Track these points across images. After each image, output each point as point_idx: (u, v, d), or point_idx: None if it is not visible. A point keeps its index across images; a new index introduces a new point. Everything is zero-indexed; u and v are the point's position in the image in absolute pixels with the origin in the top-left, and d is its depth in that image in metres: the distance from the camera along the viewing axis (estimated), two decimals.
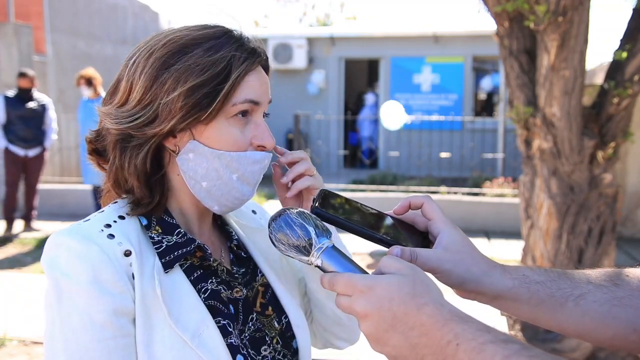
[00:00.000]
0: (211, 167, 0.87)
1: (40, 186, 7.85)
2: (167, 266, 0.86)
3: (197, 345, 0.82)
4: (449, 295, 0.80)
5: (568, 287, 0.80)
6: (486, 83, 12.56)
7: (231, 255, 1.01)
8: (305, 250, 0.76)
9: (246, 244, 1.04)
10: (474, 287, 0.79)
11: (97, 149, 0.93)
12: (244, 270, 1.00)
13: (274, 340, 0.96)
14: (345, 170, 11.81)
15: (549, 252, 3.46)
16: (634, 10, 3.24)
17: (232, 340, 0.87)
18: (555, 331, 0.82)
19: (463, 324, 0.64)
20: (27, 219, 7.10)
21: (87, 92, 6.51)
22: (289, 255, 0.78)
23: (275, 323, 0.99)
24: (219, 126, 0.86)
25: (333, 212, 0.83)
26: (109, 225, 0.85)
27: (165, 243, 0.88)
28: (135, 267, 0.82)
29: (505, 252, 6.02)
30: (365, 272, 0.73)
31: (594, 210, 3.37)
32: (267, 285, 1.02)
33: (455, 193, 8.05)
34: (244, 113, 0.88)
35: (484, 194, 7.98)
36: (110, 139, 0.88)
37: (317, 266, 0.77)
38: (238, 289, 0.95)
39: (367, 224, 0.85)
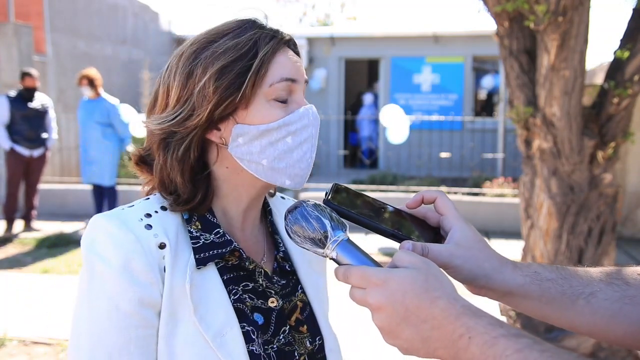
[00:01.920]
0: (264, 142, 0.87)
1: (40, 186, 7.84)
2: (200, 263, 0.86)
3: (218, 345, 0.82)
4: (460, 291, 0.80)
5: (579, 285, 0.79)
6: (486, 83, 12.56)
7: (275, 264, 0.99)
8: (321, 242, 0.77)
9: (293, 257, 1.03)
10: (485, 283, 0.79)
11: (145, 160, 0.95)
12: (284, 282, 0.99)
13: (301, 358, 0.95)
14: (345, 170, 11.81)
15: (549, 252, 3.46)
16: (634, 10, 3.24)
17: (254, 348, 0.87)
18: (566, 328, 0.82)
19: (475, 318, 0.64)
20: (27, 218, 7.09)
21: (88, 93, 6.52)
22: (304, 247, 0.79)
23: (308, 342, 0.97)
24: (260, 108, 0.86)
25: (345, 206, 0.83)
26: (149, 215, 0.86)
27: (203, 240, 0.88)
28: (167, 260, 0.83)
29: (505, 252, 5.99)
30: (380, 266, 0.74)
31: (594, 210, 3.37)
32: (306, 303, 1.00)
33: (455, 193, 8.05)
34: (284, 100, 0.88)
35: (484, 194, 7.98)
36: (154, 140, 0.90)
37: (332, 259, 0.77)
38: (273, 299, 0.94)
39: (379, 218, 0.85)
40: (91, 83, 6.52)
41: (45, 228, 7.18)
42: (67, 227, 7.25)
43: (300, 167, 0.90)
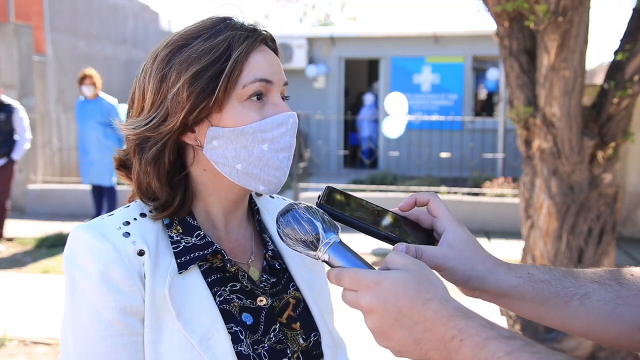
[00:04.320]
0: (239, 146, 0.85)
1: (40, 186, 7.85)
2: (181, 267, 0.85)
3: (205, 349, 0.82)
4: (454, 293, 0.80)
5: (572, 286, 0.80)
6: (486, 83, 12.56)
7: (264, 263, 0.98)
8: (313, 245, 0.76)
9: (284, 255, 1.01)
10: (478, 285, 0.79)
11: (126, 164, 0.94)
12: (274, 280, 0.97)
13: (294, 356, 0.93)
14: (345, 170, 11.82)
15: (549, 252, 3.46)
16: (634, 10, 3.24)
17: (242, 349, 0.86)
18: (559, 330, 0.82)
19: (467, 320, 0.64)
20: None
21: (90, 92, 6.51)
22: (296, 250, 0.78)
23: (301, 339, 0.95)
24: (235, 111, 0.85)
25: (338, 208, 0.83)
26: (127, 223, 0.86)
27: (184, 244, 0.88)
28: (147, 266, 0.83)
29: (505, 252, 6.02)
30: (372, 268, 0.74)
31: (594, 210, 3.37)
32: (300, 300, 0.99)
33: (455, 193, 8.05)
34: (259, 96, 0.86)
35: (484, 194, 7.98)
36: (130, 145, 0.89)
37: (324, 261, 0.77)
38: (262, 298, 0.93)
39: (372, 221, 0.84)
40: (93, 83, 6.52)
41: (45, 228, 7.18)
42: (67, 227, 7.25)
43: (275, 175, 0.89)
